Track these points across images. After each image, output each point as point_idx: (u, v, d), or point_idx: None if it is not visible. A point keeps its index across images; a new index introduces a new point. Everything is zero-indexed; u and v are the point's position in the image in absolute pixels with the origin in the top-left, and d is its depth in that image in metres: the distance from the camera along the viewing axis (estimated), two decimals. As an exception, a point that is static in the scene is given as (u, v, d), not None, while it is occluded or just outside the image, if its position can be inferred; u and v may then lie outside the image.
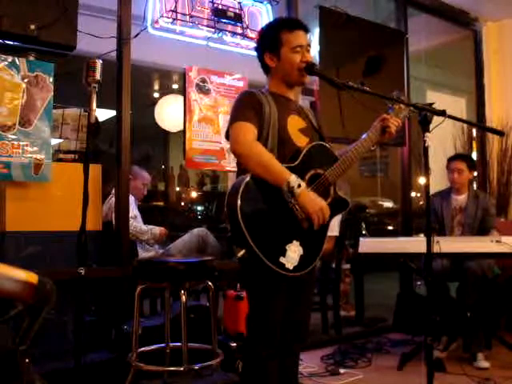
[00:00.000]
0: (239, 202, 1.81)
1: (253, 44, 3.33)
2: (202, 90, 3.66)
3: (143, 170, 4.09)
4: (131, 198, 3.50)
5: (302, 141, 2.05)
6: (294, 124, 2.07)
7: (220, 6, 3.64)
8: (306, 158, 1.98)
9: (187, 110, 3.59)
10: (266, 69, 2.14)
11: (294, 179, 1.86)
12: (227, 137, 2.03)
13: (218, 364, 2.67)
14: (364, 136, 2.12)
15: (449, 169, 3.86)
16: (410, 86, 4.77)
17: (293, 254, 1.88)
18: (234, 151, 1.95)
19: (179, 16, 3.48)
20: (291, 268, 1.87)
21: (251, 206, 1.83)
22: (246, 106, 1.99)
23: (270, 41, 2.08)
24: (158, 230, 3.80)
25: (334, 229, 3.90)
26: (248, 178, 1.87)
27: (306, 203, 1.88)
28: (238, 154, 1.94)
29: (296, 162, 1.96)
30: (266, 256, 1.81)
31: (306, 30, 2.10)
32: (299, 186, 1.86)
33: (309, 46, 2.08)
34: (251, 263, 1.86)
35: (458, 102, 5.58)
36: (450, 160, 3.89)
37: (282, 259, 1.85)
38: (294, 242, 1.90)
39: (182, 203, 8.30)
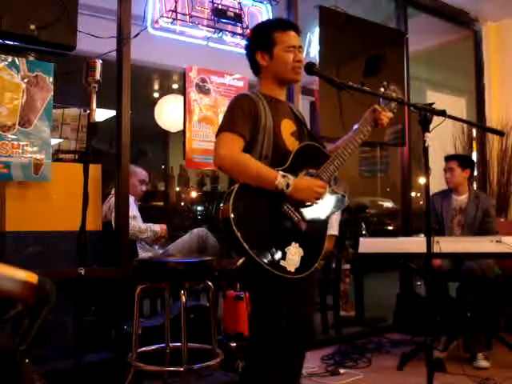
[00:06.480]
0: (232, 214, 1.80)
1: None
2: (202, 89, 3.65)
3: (138, 167, 4.02)
4: (131, 198, 3.49)
5: (294, 145, 2.04)
6: (287, 128, 2.07)
7: (220, 6, 3.64)
8: (295, 159, 1.98)
9: (187, 109, 3.59)
10: (256, 68, 2.12)
11: (280, 182, 1.87)
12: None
13: (217, 364, 2.66)
14: (355, 128, 2.13)
15: (444, 170, 3.91)
16: (410, 86, 4.77)
17: (293, 256, 1.88)
18: (215, 164, 1.94)
19: (179, 16, 3.48)
20: (293, 270, 1.87)
21: (245, 216, 1.83)
22: (238, 112, 1.96)
23: (262, 40, 2.07)
24: (158, 226, 3.75)
25: (333, 227, 3.90)
26: (236, 188, 1.86)
27: (302, 197, 1.93)
28: (219, 167, 1.93)
29: (286, 165, 1.95)
30: (266, 262, 1.81)
31: (298, 31, 2.10)
32: (288, 186, 1.87)
33: (300, 47, 2.08)
34: (253, 268, 1.85)
35: (458, 102, 5.58)
36: (445, 161, 3.93)
37: (282, 263, 1.85)
38: (293, 244, 1.89)
39: (182, 203, 8.28)
